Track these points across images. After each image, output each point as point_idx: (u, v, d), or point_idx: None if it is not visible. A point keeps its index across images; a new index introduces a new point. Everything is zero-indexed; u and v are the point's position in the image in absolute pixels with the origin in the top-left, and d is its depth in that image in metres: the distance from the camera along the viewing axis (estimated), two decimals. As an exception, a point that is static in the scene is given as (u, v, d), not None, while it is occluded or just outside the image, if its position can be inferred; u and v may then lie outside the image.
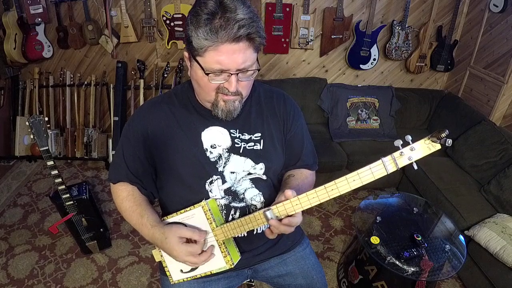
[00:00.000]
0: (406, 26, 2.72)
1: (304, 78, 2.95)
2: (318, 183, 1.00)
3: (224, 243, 0.93)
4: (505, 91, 2.49)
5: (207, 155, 0.96)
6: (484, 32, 2.64)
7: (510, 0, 2.35)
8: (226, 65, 0.80)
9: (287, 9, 2.59)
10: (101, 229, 2.02)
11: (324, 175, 2.58)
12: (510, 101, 2.55)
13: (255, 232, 1.03)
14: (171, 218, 0.96)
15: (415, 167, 0.70)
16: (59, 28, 2.64)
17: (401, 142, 0.69)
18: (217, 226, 0.91)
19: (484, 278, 1.80)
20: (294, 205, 0.80)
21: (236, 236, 0.92)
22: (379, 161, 0.72)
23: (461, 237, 1.74)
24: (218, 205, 0.97)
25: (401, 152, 0.70)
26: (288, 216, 0.82)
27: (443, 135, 0.63)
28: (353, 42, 2.80)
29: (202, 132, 0.96)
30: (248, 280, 1.17)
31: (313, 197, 0.78)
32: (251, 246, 1.06)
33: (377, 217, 1.79)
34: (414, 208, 1.91)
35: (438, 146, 0.67)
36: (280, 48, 2.75)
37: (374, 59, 2.84)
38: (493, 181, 2.12)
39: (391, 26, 2.75)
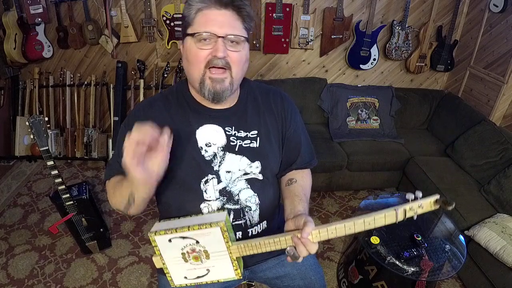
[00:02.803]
0: (406, 26, 2.72)
1: (304, 78, 2.95)
2: (318, 183, 1.00)
3: (236, 258, 0.92)
4: (505, 91, 2.49)
5: (202, 153, 0.95)
6: (484, 32, 2.64)
7: (510, 0, 2.35)
8: (212, 27, 0.82)
9: (287, 9, 2.59)
10: (101, 229, 2.02)
11: (324, 175, 2.58)
12: (510, 101, 2.55)
13: (250, 234, 1.02)
14: (184, 233, 0.88)
15: (415, 217, 0.77)
16: (59, 28, 2.64)
17: (413, 197, 0.76)
18: (232, 244, 0.88)
19: (484, 278, 1.80)
20: (313, 237, 0.82)
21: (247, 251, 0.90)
22: (393, 210, 0.76)
23: (461, 237, 1.74)
24: (211, 210, 0.96)
25: (411, 207, 0.76)
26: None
27: (449, 208, 0.71)
28: (353, 42, 2.80)
29: (197, 130, 0.95)
30: (248, 280, 1.17)
31: (331, 232, 0.81)
32: None
33: (377, 217, 1.79)
34: (414, 208, 1.90)
35: (437, 207, 0.75)
36: (280, 48, 2.75)
37: (374, 59, 2.84)
38: (493, 181, 2.12)
39: (391, 26, 2.75)
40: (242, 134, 0.98)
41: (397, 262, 1.54)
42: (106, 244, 2.10)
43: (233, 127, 0.97)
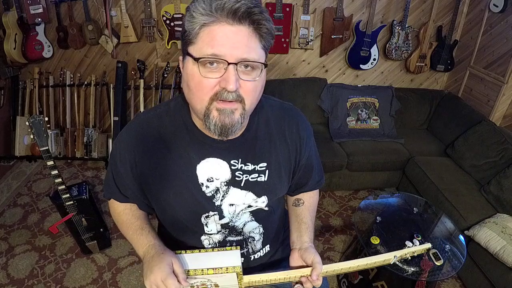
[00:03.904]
0: (406, 26, 2.72)
1: (304, 78, 2.95)
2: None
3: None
4: (505, 91, 2.49)
5: (203, 189, 0.85)
6: (484, 32, 2.64)
7: (510, 0, 2.35)
8: (220, 49, 0.64)
9: (287, 9, 2.59)
10: (101, 229, 2.02)
11: (324, 175, 2.58)
12: (510, 101, 2.55)
13: (252, 259, 1.00)
14: (198, 275, 0.84)
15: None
16: (59, 28, 2.64)
17: (411, 244, 0.99)
18: (244, 279, 0.86)
19: (484, 278, 1.80)
20: (320, 274, 0.85)
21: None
22: (392, 256, 0.89)
23: (461, 237, 1.74)
24: (212, 243, 0.93)
25: (406, 253, 0.91)
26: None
27: (438, 263, 1.06)
28: (353, 42, 2.80)
29: (198, 165, 0.83)
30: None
31: (337, 271, 0.88)
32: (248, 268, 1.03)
33: (377, 217, 1.79)
34: (414, 208, 1.91)
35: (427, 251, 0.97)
36: (280, 48, 2.75)
37: (374, 59, 2.84)
38: (493, 181, 2.12)
39: (391, 26, 2.75)
40: (250, 167, 0.86)
41: (397, 262, 1.54)
42: (106, 244, 2.10)
43: (240, 160, 0.85)
